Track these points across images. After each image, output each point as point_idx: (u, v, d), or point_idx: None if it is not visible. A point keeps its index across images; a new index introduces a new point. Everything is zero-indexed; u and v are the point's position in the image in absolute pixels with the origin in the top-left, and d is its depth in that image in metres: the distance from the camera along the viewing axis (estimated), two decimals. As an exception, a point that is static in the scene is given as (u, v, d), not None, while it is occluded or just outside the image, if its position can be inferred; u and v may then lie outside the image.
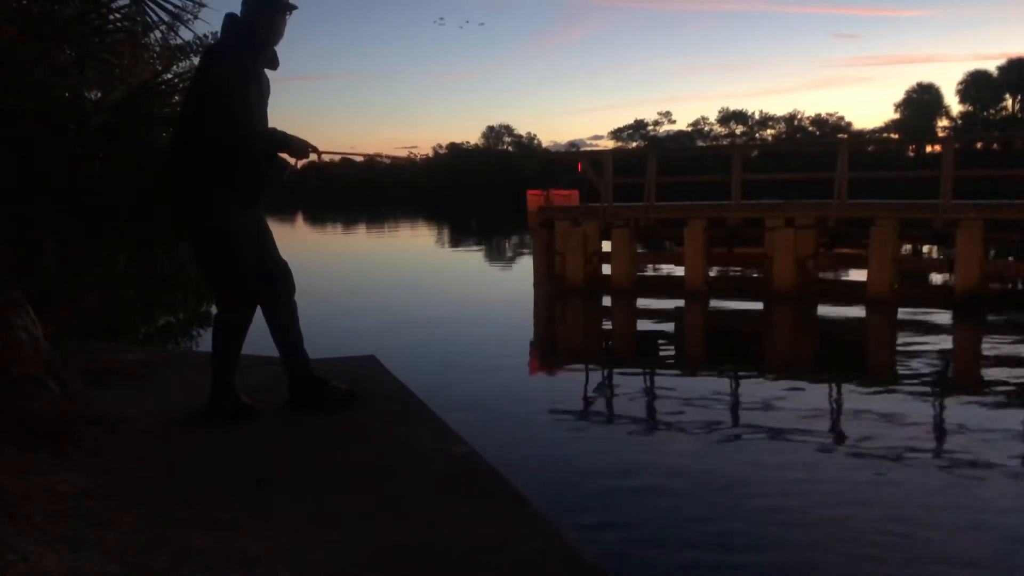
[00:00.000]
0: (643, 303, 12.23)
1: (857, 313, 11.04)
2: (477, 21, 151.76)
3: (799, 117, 65.05)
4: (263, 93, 3.39)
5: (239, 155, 3.24)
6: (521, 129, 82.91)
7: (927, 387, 7.14)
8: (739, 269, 13.65)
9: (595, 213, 13.02)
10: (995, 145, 45.27)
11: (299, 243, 26.82)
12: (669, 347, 9.90)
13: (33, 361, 3.26)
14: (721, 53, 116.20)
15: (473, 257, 22.21)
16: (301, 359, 3.56)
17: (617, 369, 8.14)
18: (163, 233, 4.52)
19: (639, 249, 13.33)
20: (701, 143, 63.53)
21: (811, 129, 63.55)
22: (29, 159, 3.97)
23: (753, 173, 15.60)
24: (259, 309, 3.50)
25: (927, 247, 14.73)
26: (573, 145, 67.55)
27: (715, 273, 13.19)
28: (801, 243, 11.56)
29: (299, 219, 43.09)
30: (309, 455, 2.98)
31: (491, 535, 2.28)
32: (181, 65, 4.92)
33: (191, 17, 4.62)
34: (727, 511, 4.23)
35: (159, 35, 4.73)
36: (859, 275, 11.90)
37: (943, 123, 56.77)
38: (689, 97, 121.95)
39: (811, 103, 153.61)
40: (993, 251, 12.64)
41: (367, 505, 2.51)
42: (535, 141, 74.40)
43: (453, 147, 74.74)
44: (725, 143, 57.28)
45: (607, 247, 13.00)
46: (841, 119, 63.71)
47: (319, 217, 45.34)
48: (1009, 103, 55.02)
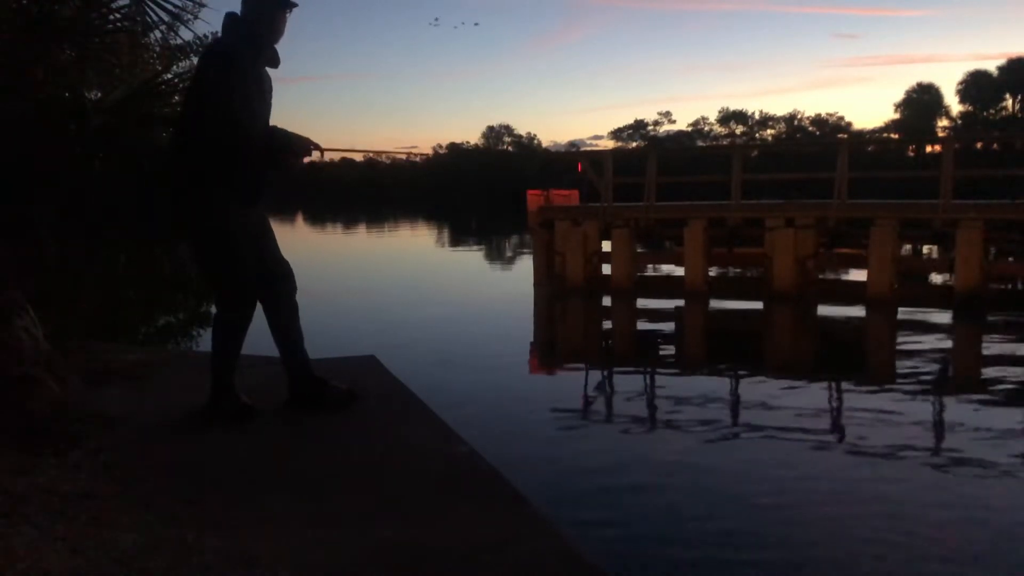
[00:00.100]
0: (643, 303, 12.23)
1: (857, 313, 11.04)
2: (472, 22, 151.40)
3: (799, 117, 65.07)
4: (264, 92, 3.38)
5: (239, 155, 3.24)
6: (521, 129, 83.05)
7: (926, 387, 7.14)
8: (739, 269, 13.67)
9: (595, 213, 13.02)
10: (995, 145, 45.22)
11: (299, 243, 26.81)
12: (669, 347, 9.90)
13: (33, 361, 3.27)
14: (721, 53, 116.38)
15: (473, 257, 22.21)
16: (301, 359, 3.56)
17: (617, 369, 8.15)
18: (163, 233, 4.53)
19: (639, 249, 13.33)
20: (701, 143, 63.48)
21: (811, 129, 63.51)
22: (29, 159, 3.97)
23: (753, 173, 15.59)
24: (259, 309, 3.50)
25: (927, 247, 14.73)
26: (573, 145, 67.71)
27: (715, 273, 13.20)
28: (801, 243, 11.56)
29: (299, 219, 43.09)
30: (309, 455, 2.98)
31: (491, 535, 2.28)
32: (181, 65, 4.93)
33: (191, 17, 4.63)
34: (727, 509, 4.24)
35: (159, 35, 4.74)
36: (859, 275, 11.90)
37: (943, 123, 56.80)
38: (689, 97, 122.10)
39: (811, 103, 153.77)
40: (993, 251, 12.64)
41: (367, 505, 2.51)
42: (535, 141, 74.49)
43: (453, 147, 74.73)
44: (725, 143, 57.25)
45: (607, 247, 13.00)
46: (841, 119, 63.74)
47: (319, 217, 45.34)
48: (1009, 103, 55.01)
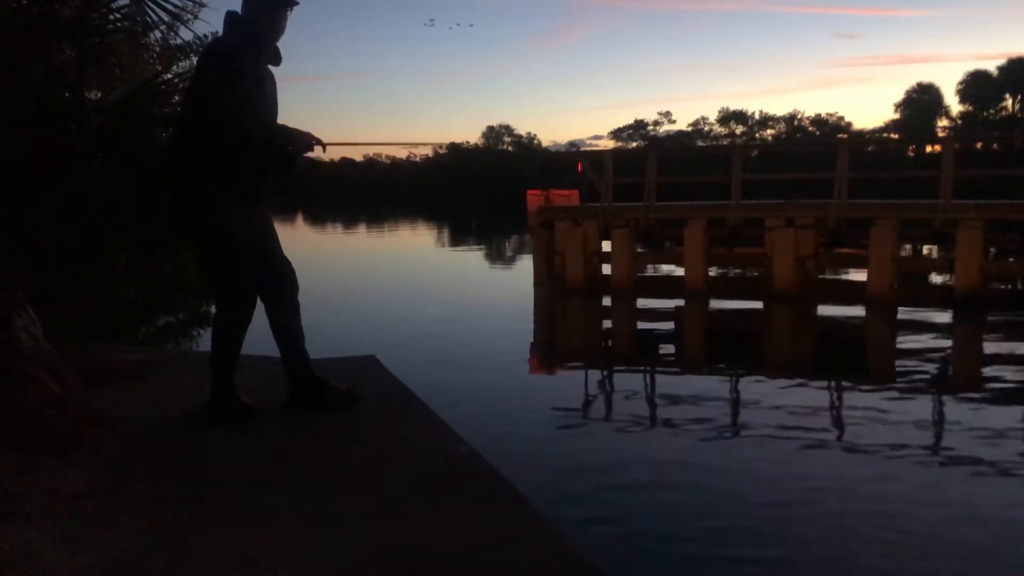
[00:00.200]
0: (643, 303, 12.23)
1: (857, 313, 11.05)
2: (468, 23, 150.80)
3: (799, 117, 64.96)
4: (267, 90, 3.38)
5: (238, 154, 3.24)
6: (521, 129, 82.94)
7: (926, 387, 7.15)
8: (739, 269, 13.67)
9: (595, 213, 13.02)
10: (995, 145, 45.19)
11: (299, 243, 26.81)
12: (669, 347, 9.90)
13: (33, 361, 3.26)
14: (721, 53, 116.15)
15: (473, 257, 22.21)
16: (302, 359, 3.56)
17: (617, 369, 8.15)
18: (163, 233, 4.53)
19: (639, 249, 13.33)
20: (701, 143, 63.37)
21: (811, 129, 63.42)
22: (29, 159, 3.97)
23: (753, 173, 15.60)
24: (260, 309, 3.49)
25: (927, 247, 14.73)
26: (573, 145, 67.51)
27: (715, 273, 13.20)
28: (801, 243, 11.56)
29: (299, 219, 43.09)
30: (309, 455, 2.98)
31: (491, 535, 2.28)
32: (181, 65, 4.93)
33: (191, 17, 4.63)
34: (727, 509, 4.24)
35: (159, 35, 4.74)
36: (859, 275, 11.91)
37: (943, 123, 56.69)
38: (689, 97, 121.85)
39: (811, 103, 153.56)
40: (993, 251, 12.64)
41: (367, 505, 2.51)
42: (535, 141, 74.35)
43: (453, 147, 74.71)
44: (725, 143, 57.21)
45: (607, 247, 13.00)
46: (841, 119, 63.60)
47: (319, 217, 45.34)
48: (1009, 103, 54.92)
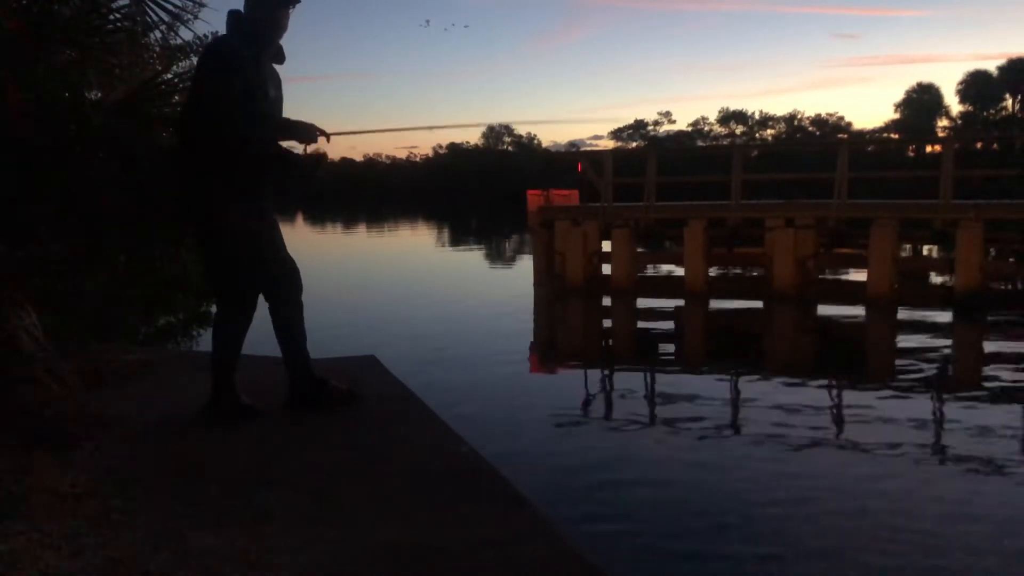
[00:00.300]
0: (643, 303, 12.23)
1: (857, 313, 11.04)
2: (463, 24, 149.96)
3: (799, 117, 64.97)
4: (270, 89, 3.36)
5: (239, 154, 3.23)
6: (521, 129, 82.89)
7: (926, 386, 7.15)
8: (739, 269, 13.67)
9: (595, 213, 13.02)
10: (995, 145, 45.18)
11: (299, 243, 26.77)
12: (669, 347, 9.90)
13: (33, 361, 3.27)
14: (721, 53, 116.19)
15: (473, 257, 22.21)
16: (303, 359, 3.56)
17: (617, 368, 8.15)
18: (163, 233, 4.53)
19: (639, 249, 13.33)
20: (701, 143, 63.42)
21: (811, 129, 63.42)
22: (29, 159, 3.97)
23: (753, 173, 15.59)
24: (260, 309, 3.49)
25: (927, 247, 14.73)
26: (573, 145, 67.45)
27: (715, 273, 13.19)
28: (801, 243, 11.56)
29: (299, 219, 43.08)
30: (309, 455, 2.98)
31: (491, 535, 2.28)
32: (181, 65, 4.92)
33: (191, 17, 4.61)
34: (727, 508, 4.24)
35: (159, 35, 4.72)
36: (859, 275, 11.91)
37: (943, 123, 56.68)
38: (689, 97, 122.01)
39: (811, 103, 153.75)
40: (993, 251, 12.64)
41: (367, 505, 2.50)
42: (535, 141, 74.37)
43: (453, 147, 74.68)
44: (725, 143, 57.21)
45: (607, 247, 13.00)
46: (841, 119, 63.63)
47: (319, 217, 45.33)
48: (1009, 103, 54.89)
